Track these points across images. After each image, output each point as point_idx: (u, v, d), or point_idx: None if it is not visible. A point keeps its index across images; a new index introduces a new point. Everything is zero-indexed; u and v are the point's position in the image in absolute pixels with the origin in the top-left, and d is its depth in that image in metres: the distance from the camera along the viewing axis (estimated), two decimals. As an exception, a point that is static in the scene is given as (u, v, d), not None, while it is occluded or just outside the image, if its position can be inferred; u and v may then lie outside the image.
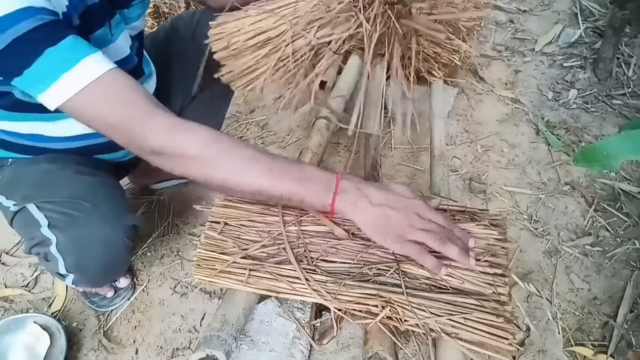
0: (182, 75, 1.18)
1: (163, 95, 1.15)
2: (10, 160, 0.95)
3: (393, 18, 1.07)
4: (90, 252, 0.88)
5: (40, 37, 0.67)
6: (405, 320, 0.79)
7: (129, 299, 1.20)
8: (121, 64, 0.91)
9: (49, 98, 0.69)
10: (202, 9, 1.25)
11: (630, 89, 1.72)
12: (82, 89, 0.68)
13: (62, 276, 0.94)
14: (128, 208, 0.99)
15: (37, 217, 0.87)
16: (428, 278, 0.84)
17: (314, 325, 0.95)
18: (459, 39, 1.55)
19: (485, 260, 0.85)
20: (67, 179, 0.90)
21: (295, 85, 1.12)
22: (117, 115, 0.70)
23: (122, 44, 0.92)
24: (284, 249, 0.88)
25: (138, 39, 1.01)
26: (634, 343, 1.05)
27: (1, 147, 0.94)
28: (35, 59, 0.67)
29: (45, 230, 0.86)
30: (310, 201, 0.76)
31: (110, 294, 1.18)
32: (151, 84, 1.10)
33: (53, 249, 0.87)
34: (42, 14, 0.67)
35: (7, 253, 1.35)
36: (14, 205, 0.90)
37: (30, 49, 0.67)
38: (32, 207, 0.88)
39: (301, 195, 0.75)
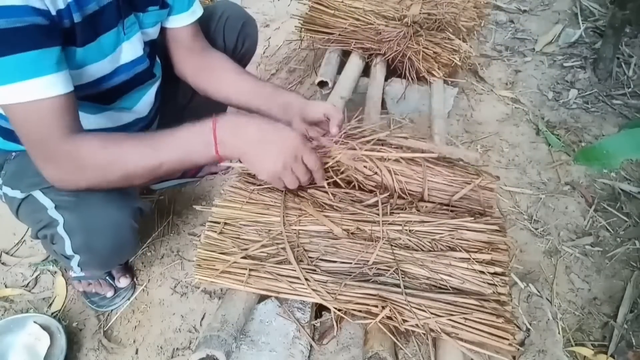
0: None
1: (166, 94, 1.16)
2: (14, 153, 0.96)
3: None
4: (97, 231, 0.89)
5: (11, 39, 0.68)
6: (405, 321, 0.79)
7: (129, 299, 1.20)
8: (135, 64, 0.96)
9: None
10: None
11: (630, 89, 1.72)
12: (9, 105, 0.73)
13: (68, 258, 0.95)
14: (134, 192, 0.99)
15: (43, 201, 0.89)
16: (428, 278, 0.84)
17: (314, 325, 0.95)
18: (459, 39, 1.55)
19: (483, 260, 0.86)
20: None
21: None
22: (30, 137, 0.77)
23: (136, 44, 0.95)
24: (284, 248, 0.88)
25: (151, 45, 1.03)
26: (634, 343, 1.05)
27: (6, 138, 0.95)
28: None
29: (52, 212, 0.88)
30: (198, 160, 0.82)
31: (110, 293, 1.18)
32: (158, 85, 1.11)
33: (60, 229, 0.88)
34: (28, 16, 0.69)
35: (7, 253, 1.35)
36: (20, 193, 0.92)
37: None
38: (37, 193, 0.89)
39: (188, 160, 0.81)
